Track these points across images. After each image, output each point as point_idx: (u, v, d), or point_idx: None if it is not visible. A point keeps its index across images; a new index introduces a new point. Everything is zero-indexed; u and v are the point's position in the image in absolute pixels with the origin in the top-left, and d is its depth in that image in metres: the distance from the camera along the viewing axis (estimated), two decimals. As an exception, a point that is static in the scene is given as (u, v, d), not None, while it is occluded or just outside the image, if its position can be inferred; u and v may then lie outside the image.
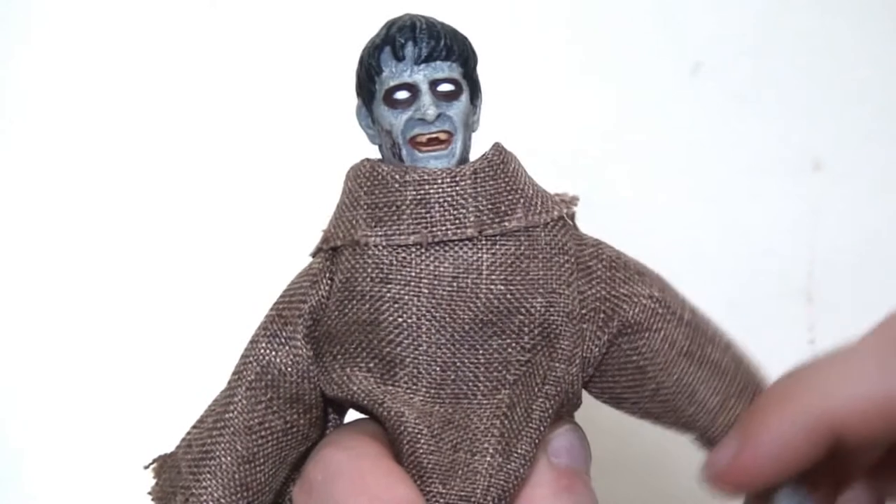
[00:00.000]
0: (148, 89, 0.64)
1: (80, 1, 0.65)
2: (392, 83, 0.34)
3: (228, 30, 0.65)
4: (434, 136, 0.33)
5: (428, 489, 0.32)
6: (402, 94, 0.34)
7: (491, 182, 0.33)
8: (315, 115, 0.63)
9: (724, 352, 0.36)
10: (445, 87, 0.34)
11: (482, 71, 0.36)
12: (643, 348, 0.35)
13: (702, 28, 0.67)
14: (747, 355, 0.37)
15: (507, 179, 0.34)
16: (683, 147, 0.64)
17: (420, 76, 0.34)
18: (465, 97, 0.34)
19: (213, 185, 0.63)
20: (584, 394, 0.36)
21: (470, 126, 0.35)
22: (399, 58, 0.34)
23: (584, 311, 0.34)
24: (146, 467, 0.35)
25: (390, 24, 0.34)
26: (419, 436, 0.32)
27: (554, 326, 0.33)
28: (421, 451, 0.32)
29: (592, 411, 0.36)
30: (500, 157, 0.34)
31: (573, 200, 0.35)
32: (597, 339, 0.34)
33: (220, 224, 0.63)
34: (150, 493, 0.35)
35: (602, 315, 0.34)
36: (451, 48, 0.34)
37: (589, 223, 0.36)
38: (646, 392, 0.35)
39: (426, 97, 0.33)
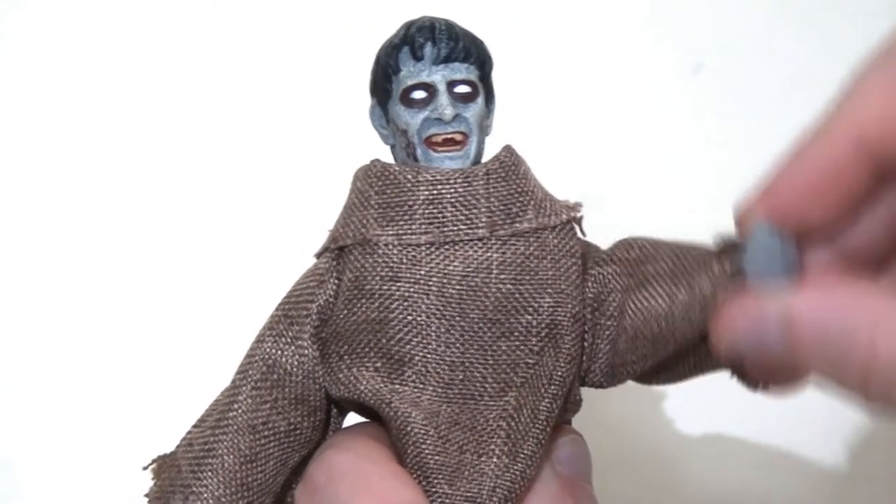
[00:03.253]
0: (150, 89, 0.64)
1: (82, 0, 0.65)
2: (410, 82, 0.34)
3: (230, 30, 0.65)
4: (450, 136, 0.34)
5: (433, 489, 0.33)
6: (419, 94, 0.34)
7: (503, 183, 0.34)
8: (316, 116, 0.63)
9: (660, 260, 0.36)
10: (462, 89, 0.34)
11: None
12: (613, 311, 0.35)
13: (702, 28, 0.68)
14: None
15: (518, 181, 0.34)
16: (684, 147, 0.64)
17: (438, 76, 0.34)
18: (481, 99, 0.35)
19: (215, 184, 0.63)
20: (589, 398, 0.36)
21: (484, 129, 0.35)
22: (417, 58, 0.34)
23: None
24: (145, 468, 0.35)
25: (409, 25, 0.35)
26: (426, 437, 0.33)
27: (560, 327, 0.34)
28: (427, 451, 0.33)
29: (595, 412, 0.36)
30: (511, 160, 0.34)
31: (577, 206, 0.35)
32: (584, 332, 0.35)
33: (218, 225, 0.63)
34: (147, 496, 0.35)
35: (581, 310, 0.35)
36: (470, 50, 0.34)
37: (587, 223, 0.36)
38: (625, 343, 0.35)
39: (443, 97, 0.34)
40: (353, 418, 0.37)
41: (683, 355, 0.37)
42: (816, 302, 0.30)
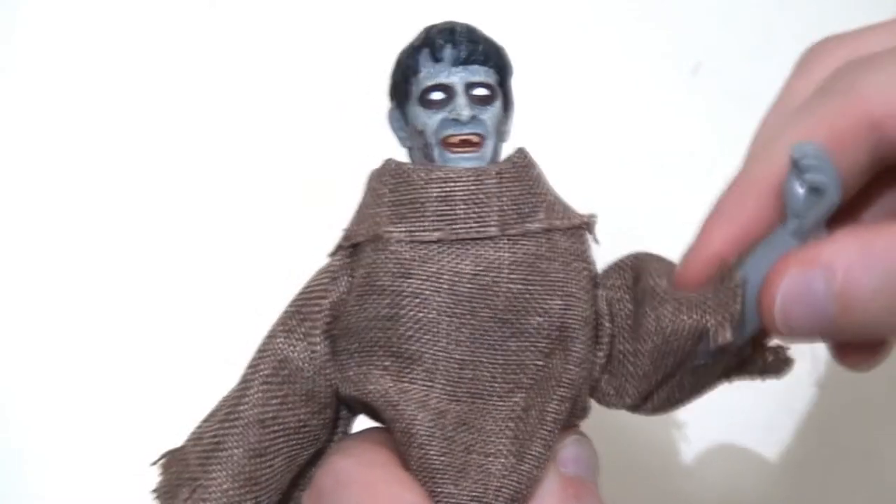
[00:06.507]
0: (148, 89, 0.65)
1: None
2: (428, 83, 0.35)
3: (228, 30, 0.66)
4: (466, 137, 0.34)
5: (439, 490, 0.33)
6: (437, 95, 0.34)
7: (515, 183, 0.34)
8: (315, 116, 0.63)
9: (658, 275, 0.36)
10: (481, 91, 0.35)
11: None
12: (619, 331, 0.36)
13: (702, 28, 0.69)
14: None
15: (530, 183, 0.35)
16: (683, 147, 0.64)
17: (456, 78, 0.35)
18: (498, 104, 0.35)
19: (215, 184, 0.64)
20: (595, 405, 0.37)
21: (501, 135, 0.36)
22: (437, 59, 0.35)
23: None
24: (153, 464, 0.36)
25: (430, 28, 0.35)
26: (431, 438, 0.33)
27: (570, 330, 0.34)
28: (432, 453, 0.33)
29: (602, 418, 0.37)
30: (523, 161, 0.35)
31: (592, 217, 0.36)
32: (600, 341, 0.36)
33: (218, 225, 0.63)
34: (154, 490, 0.36)
35: (595, 317, 0.36)
36: (489, 54, 0.35)
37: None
38: (644, 355, 0.35)
39: (461, 98, 0.34)
40: (362, 421, 0.37)
41: (671, 377, 0.36)
42: (868, 236, 0.30)
